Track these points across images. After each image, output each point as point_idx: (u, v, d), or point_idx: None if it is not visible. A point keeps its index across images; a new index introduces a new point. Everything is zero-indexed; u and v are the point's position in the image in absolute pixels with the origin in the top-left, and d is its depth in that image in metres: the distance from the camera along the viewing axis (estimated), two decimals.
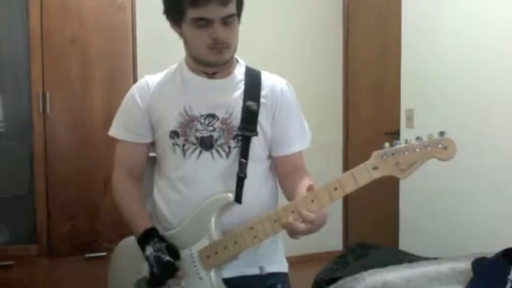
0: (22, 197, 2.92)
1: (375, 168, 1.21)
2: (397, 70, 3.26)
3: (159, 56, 3.58)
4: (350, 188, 1.23)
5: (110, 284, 1.58)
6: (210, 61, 1.38)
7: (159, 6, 1.46)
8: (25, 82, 2.86)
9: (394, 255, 2.67)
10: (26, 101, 2.86)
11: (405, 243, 3.16)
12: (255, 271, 1.43)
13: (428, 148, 1.18)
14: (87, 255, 2.94)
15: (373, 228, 3.83)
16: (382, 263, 2.34)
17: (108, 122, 1.58)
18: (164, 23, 1.48)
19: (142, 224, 1.42)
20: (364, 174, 1.21)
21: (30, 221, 2.89)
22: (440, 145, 1.17)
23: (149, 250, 1.36)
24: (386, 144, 1.21)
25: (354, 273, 2.25)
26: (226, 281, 1.38)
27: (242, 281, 1.40)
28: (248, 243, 1.31)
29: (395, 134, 3.37)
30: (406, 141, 1.19)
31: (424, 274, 2.18)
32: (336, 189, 1.23)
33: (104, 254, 2.95)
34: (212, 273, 1.35)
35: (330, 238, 4.16)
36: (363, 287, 2.11)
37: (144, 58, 3.13)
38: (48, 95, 2.85)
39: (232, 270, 1.39)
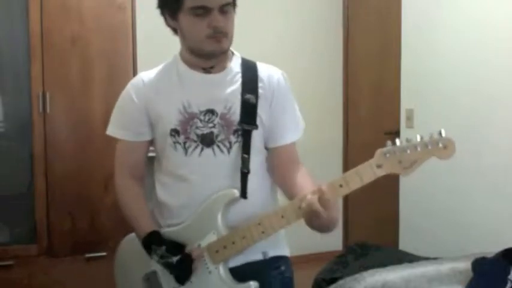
0: (22, 197, 2.92)
1: (378, 166, 1.23)
2: (397, 70, 3.26)
3: (159, 56, 3.56)
4: (355, 185, 1.25)
5: (117, 279, 1.60)
6: (209, 50, 1.37)
7: None
8: (25, 82, 2.86)
9: (394, 255, 2.67)
10: (26, 101, 2.86)
11: (405, 243, 3.16)
12: (258, 257, 1.45)
13: (429, 147, 1.20)
14: (87, 255, 2.94)
15: (373, 228, 3.83)
16: (382, 263, 2.34)
17: (108, 122, 1.58)
18: (164, 23, 1.48)
19: (143, 227, 1.43)
20: (369, 171, 1.24)
21: (30, 221, 2.89)
22: (440, 144, 1.19)
23: (155, 258, 1.38)
24: (389, 143, 1.23)
25: (354, 273, 2.25)
26: (232, 270, 1.41)
27: (247, 267, 1.42)
28: (256, 238, 1.34)
29: (395, 134, 3.36)
30: (407, 140, 1.22)
31: (424, 274, 2.18)
32: (341, 186, 1.25)
33: (104, 254, 2.95)
34: (221, 267, 1.38)
35: (330, 238, 4.15)
36: (363, 287, 2.11)
37: (144, 58, 3.12)
38: (48, 95, 2.85)
39: (237, 259, 1.41)
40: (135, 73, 3.00)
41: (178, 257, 1.36)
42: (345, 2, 4.21)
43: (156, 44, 3.49)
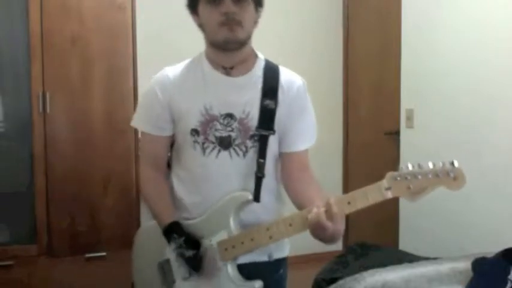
0: (22, 197, 2.93)
1: (387, 188, 1.24)
2: (397, 70, 3.26)
3: (159, 56, 3.57)
4: (361, 204, 1.27)
5: (134, 267, 1.66)
6: (221, 39, 1.41)
7: (159, 6, 1.47)
8: (25, 82, 2.86)
9: (394, 255, 2.67)
10: (26, 101, 2.86)
11: (405, 243, 3.16)
12: (264, 258, 1.52)
13: (440, 176, 1.20)
14: (87, 255, 2.94)
15: (373, 228, 3.83)
16: (382, 263, 2.34)
17: (108, 122, 1.59)
18: (164, 23, 1.48)
19: (165, 218, 1.49)
20: (377, 193, 1.26)
21: (30, 221, 2.89)
22: (451, 175, 1.19)
23: (172, 246, 1.44)
24: (401, 167, 1.24)
25: (354, 273, 2.25)
26: (239, 266, 1.47)
27: (252, 266, 1.49)
28: (263, 242, 1.40)
29: (395, 134, 3.37)
30: (419, 166, 1.22)
31: (424, 274, 2.18)
32: (349, 203, 1.28)
33: (104, 254, 2.95)
34: (229, 265, 1.45)
35: None
36: (363, 287, 2.11)
37: (144, 58, 3.13)
38: (48, 95, 2.85)
39: (245, 257, 1.47)
40: (135, 73, 3.00)
41: (192, 252, 1.42)
42: (345, 2, 4.21)
43: (156, 44, 3.50)
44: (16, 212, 2.93)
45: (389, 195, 1.24)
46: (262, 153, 1.45)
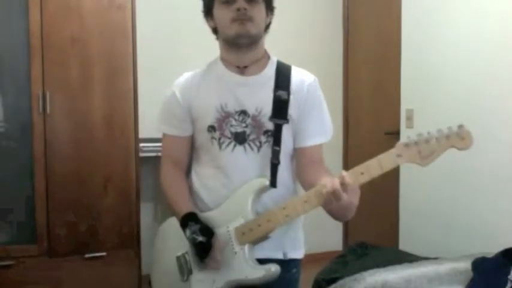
0: (22, 197, 2.92)
1: (398, 155, 1.29)
2: (397, 70, 3.26)
3: (159, 56, 3.57)
4: (376, 172, 1.32)
5: (155, 259, 1.74)
6: (234, 34, 1.48)
7: (159, 6, 1.47)
8: (25, 82, 2.86)
9: (394, 255, 2.67)
10: (26, 101, 2.86)
11: (405, 243, 3.16)
12: (279, 256, 1.57)
13: (448, 138, 1.27)
14: (87, 255, 2.94)
15: (373, 228, 3.83)
16: (382, 263, 2.34)
17: (108, 122, 1.59)
18: (164, 23, 1.49)
19: (182, 209, 1.56)
20: (390, 160, 1.31)
21: (31, 221, 2.89)
22: (459, 136, 1.27)
23: (187, 232, 1.50)
24: (410, 136, 1.30)
25: (354, 273, 2.25)
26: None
27: (266, 263, 1.52)
28: (280, 221, 1.44)
29: (395, 134, 3.37)
30: (428, 133, 1.27)
31: (424, 274, 2.18)
32: (362, 173, 1.34)
33: (103, 254, 2.96)
34: (246, 248, 1.49)
35: (330, 238, 4.15)
36: (363, 287, 2.12)
37: (144, 58, 3.12)
38: (48, 95, 2.85)
39: (261, 252, 1.52)
40: (135, 73, 3.00)
41: (203, 239, 1.47)
42: (345, 2, 4.21)
43: (156, 45, 3.50)
44: (16, 212, 2.93)
45: (401, 161, 1.29)
46: (277, 141, 1.51)
